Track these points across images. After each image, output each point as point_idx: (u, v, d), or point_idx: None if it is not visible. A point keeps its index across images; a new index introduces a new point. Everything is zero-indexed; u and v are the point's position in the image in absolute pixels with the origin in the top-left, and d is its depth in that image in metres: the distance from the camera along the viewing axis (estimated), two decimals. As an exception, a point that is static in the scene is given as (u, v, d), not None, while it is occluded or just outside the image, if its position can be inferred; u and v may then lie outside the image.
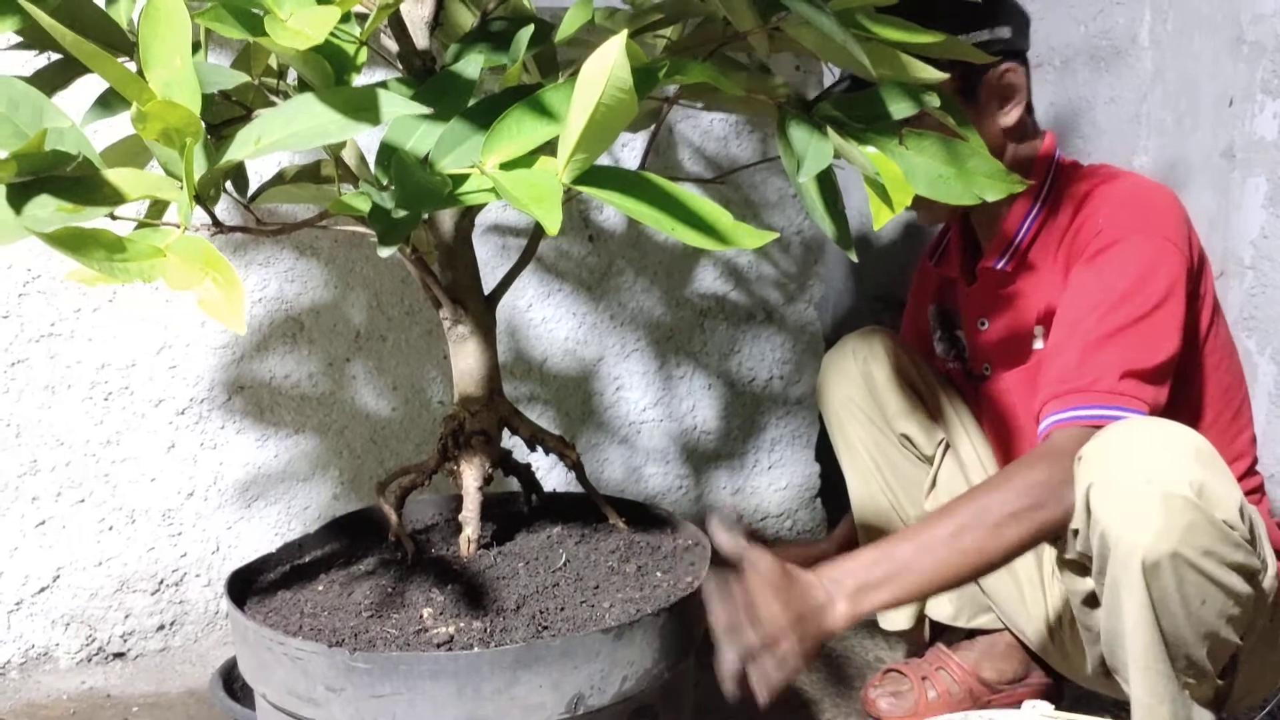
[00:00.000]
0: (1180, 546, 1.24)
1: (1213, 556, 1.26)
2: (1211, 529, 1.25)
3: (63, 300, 1.82)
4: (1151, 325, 1.40)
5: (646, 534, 1.33)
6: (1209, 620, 1.29)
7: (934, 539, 1.29)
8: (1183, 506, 1.24)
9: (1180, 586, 1.26)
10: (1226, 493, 1.28)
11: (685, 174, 2.21)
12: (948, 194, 1.08)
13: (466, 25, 1.23)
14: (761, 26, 1.09)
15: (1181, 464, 1.27)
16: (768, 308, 2.37)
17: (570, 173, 0.91)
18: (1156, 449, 1.29)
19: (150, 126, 0.82)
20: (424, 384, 2.08)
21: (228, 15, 0.88)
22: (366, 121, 0.83)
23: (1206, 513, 1.25)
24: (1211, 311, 1.53)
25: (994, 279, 1.62)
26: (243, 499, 1.98)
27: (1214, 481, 1.27)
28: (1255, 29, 1.80)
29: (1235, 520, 1.27)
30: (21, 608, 1.86)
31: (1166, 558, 1.24)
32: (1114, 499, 1.28)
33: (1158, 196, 1.50)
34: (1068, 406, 1.38)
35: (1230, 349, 1.58)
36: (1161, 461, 1.28)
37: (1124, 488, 1.28)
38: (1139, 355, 1.38)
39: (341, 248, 1.98)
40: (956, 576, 1.31)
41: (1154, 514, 1.25)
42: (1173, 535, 1.24)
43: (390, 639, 1.09)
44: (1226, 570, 1.27)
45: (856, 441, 1.73)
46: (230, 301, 0.77)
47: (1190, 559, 1.25)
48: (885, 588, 1.26)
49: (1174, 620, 1.29)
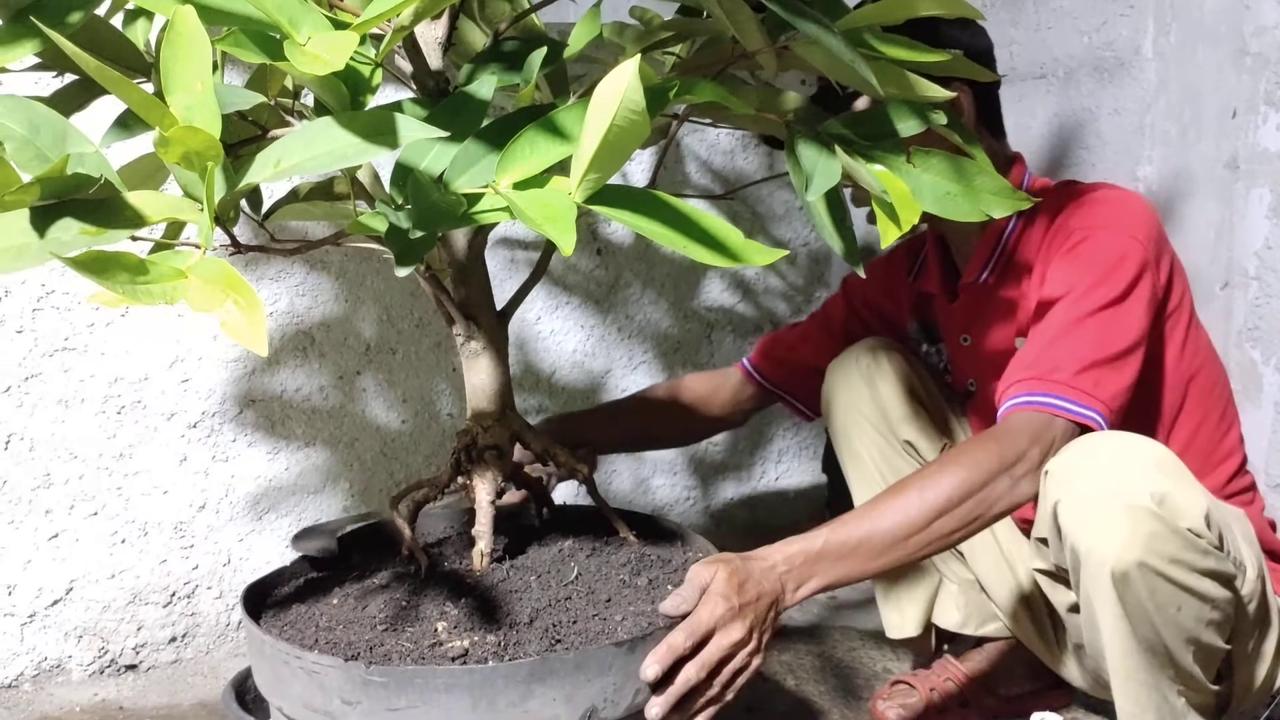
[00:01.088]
0: (1146, 556, 1.28)
1: (1180, 564, 1.29)
2: (1175, 537, 1.28)
3: (76, 315, 1.83)
4: (1116, 314, 1.42)
5: (657, 547, 1.34)
6: (1188, 626, 1.32)
7: (887, 519, 1.29)
8: (1145, 517, 1.28)
9: (1152, 595, 1.29)
10: (1190, 501, 1.31)
11: (692, 188, 2.23)
12: (955, 211, 1.09)
13: (478, 45, 1.25)
14: (770, 45, 1.11)
15: (1143, 476, 1.31)
16: (775, 320, 2.38)
17: (583, 192, 0.92)
18: (1119, 462, 1.33)
19: (172, 151, 0.83)
20: (434, 397, 2.10)
21: (247, 40, 0.89)
22: (384, 145, 0.85)
23: (1169, 522, 1.28)
24: (1189, 316, 1.55)
25: (976, 295, 1.64)
26: (254, 511, 1.99)
27: (1176, 491, 1.30)
28: (1258, 41, 1.81)
29: (1200, 528, 1.31)
30: (35, 620, 1.87)
31: (1134, 567, 1.28)
32: (1080, 514, 1.32)
33: (1129, 200, 1.54)
34: (1025, 392, 1.40)
35: (1211, 353, 1.60)
36: (1124, 474, 1.31)
37: (1089, 502, 1.31)
38: (1101, 344, 1.41)
39: (352, 262, 2.00)
40: (909, 556, 1.31)
41: (1118, 526, 1.28)
42: (1137, 545, 1.28)
43: (405, 652, 1.10)
44: (1197, 576, 1.30)
45: (861, 448, 1.74)
46: (252, 323, 0.79)
47: (1157, 568, 1.28)
48: (839, 567, 1.25)
49: (1152, 629, 1.31)
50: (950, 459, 1.34)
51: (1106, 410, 1.39)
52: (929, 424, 1.72)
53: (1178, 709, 1.38)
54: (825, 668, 1.93)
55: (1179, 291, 1.53)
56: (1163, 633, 1.32)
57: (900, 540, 1.28)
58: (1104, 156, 2.01)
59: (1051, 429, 1.37)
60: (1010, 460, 1.33)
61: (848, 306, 1.86)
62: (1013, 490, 1.33)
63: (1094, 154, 2.03)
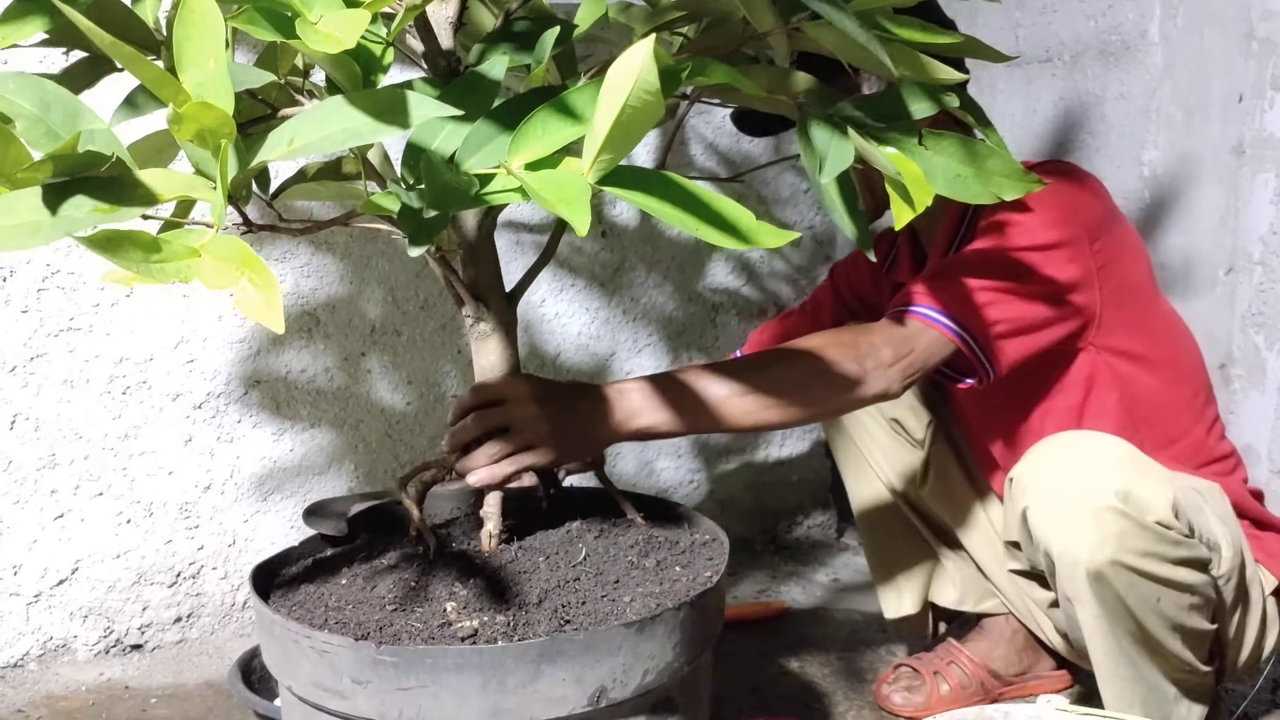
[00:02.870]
0: (1118, 554, 1.30)
1: (1153, 557, 1.31)
2: (1145, 532, 1.31)
3: (81, 295, 1.83)
4: (1022, 258, 1.41)
5: (664, 529, 1.34)
6: (1170, 614, 1.34)
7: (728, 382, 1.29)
8: (1113, 516, 1.30)
9: (1131, 590, 1.32)
10: (1155, 494, 1.33)
11: (698, 170, 2.23)
12: (966, 193, 1.09)
13: (488, 26, 1.24)
14: (781, 27, 1.10)
15: (1107, 475, 1.33)
16: (779, 302, 2.38)
17: (596, 173, 0.92)
18: (1082, 464, 1.35)
19: (185, 128, 0.83)
20: (439, 378, 2.10)
21: (259, 17, 0.89)
22: (397, 124, 0.84)
23: (1136, 518, 1.31)
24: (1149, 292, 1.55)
25: None
26: (259, 492, 2.00)
27: (1140, 486, 1.32)
28: (1266, 25, 1.80)
29: (1168, 519, 1.33)
30: (40, 600, 1.87)
31: (1108, 566, 1.30)
32: (1049, 518, 1.35)
33: (1077, 174, 1.53)
34: (902, 301, 1.41)
35: (1181, 327, 1.60)
36: (1088, 475, 1.33)
37: (1056, 506, 1.34)
38: (995, 276, 1.40)
39: (357, 243, 2.00)
40: (743, 419, 1.31)
41: (1087, 528, 1.31)
42: (1108, 545, 1.30)
43: (415, 632, 1.10)
44: (1171, 566, 1.33)
45: (848, 425, 1.75)
46: (268, 301, 0.78)
47: (1130, 564, 1.31)
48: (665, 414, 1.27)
49: (1135, 622, 1.34)
50: (810, 340, 1.36)
51: (983, 336, 1.39)
52: (915, 400, 1.74)
53: (1168, 696, 1.40)
54: (829, 650, 1.93)
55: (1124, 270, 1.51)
56: (1146, 624, 1.34)
57: (733, 397, 1.28)
58: (1109, 141, 2.01)
59: (915, 336, 1.37)
60: (862, 352, 1.33)
61: (835, 296, 1.86)
62: (855, 384, 1.33)
63: (1099, 138, 2.03)
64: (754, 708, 1.72)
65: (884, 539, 1.79)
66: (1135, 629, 1.34)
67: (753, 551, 2.40)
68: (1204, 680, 1.44)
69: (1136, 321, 1.52)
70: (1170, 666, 1.39)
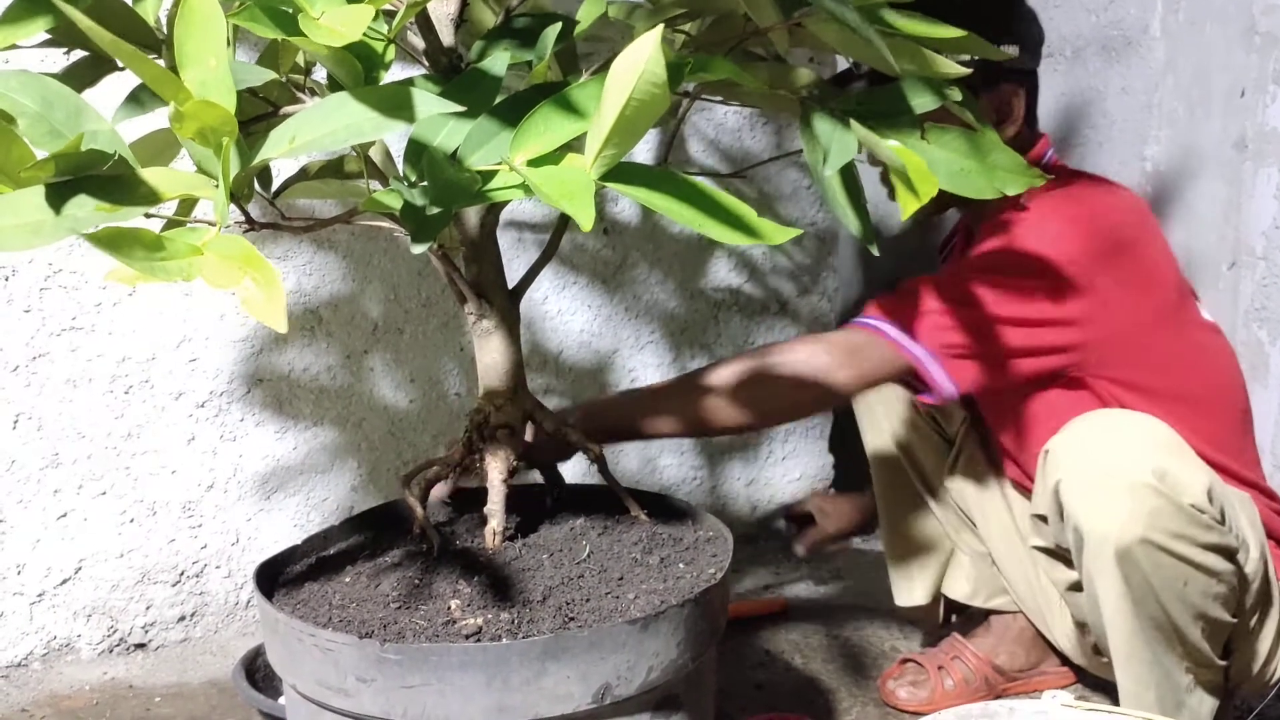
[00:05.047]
0: (1148, 532, 1.28)
1: (1184, 539, 1.29)
2: (1179, 513, 1.29)
3: (83, 294, 1.83)
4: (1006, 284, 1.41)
5: (668, 526, 1.34)
6: (1195, 601, 1.33)
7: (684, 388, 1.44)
8: (1147, 493, 1.28)
9: (1157, 570, 1.30)
10: (1191, 476, 1.31)
11: (700, 167, 2.22)
12: (969, 187, 1.09)
13: (489, 23, 1.24)
14: (783, 22, 1.10)
15: (1144, 452, 1.31)
16: (781, 300, 2.38)
17: (599, 168, 0.92)
18: (1119, 440, 1.33)
19: (187, 126, 0.83)
20: (441, 376, 2.10)
21: (261, 14, 0.89)
22: (401, 120, 0.84)
23: (1172, 498, 1.29)
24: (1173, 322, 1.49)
25: None
26: (262, 491, 2.00)
27: (1177, 467, 1.31)
28: (1268, 19, 1.80)
29: (1203, 502, 1.31)
30: (44, 599, 1.87)
31: (1136, 543, 1.28)
32: (1082, 492, 1.33)
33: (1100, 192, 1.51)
34: (866, 314, 1.46)
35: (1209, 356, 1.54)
36: (1124, 452, 1.32)
37: (1090, 481, 1.32)
38: (968, 300, 1.41)
39: (359, 241, 2.00)
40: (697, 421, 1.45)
41: (1120, 503, 1.29)
42: (1139, 521, 1.28)
43: (419, 630, 1.10)
44: (1201, 551, 1.31)
45: (876, 401, 1.77)
46: (270, 300, 0.78)
47: (1160, 543, 1.28)
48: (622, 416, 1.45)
49: (1158, 605, 1.32)
50: (774, 346, 1.45)
51: (941, 355, 1.40)
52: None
53: (1182, 685, 1.39)
54: (833, 646, 1.93)
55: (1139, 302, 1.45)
56: (1169, 609, 1.32)
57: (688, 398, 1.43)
58: (1111, 136, 2.01)
59: (870, 348, 1.42)
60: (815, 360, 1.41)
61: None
62: (805, 388, 1.40)
63: (1101, 133, 2.03)
64: (758, 704, 1.72)
65: (903, 525, 1.79)
66: (1159, 612, 1.32)
67: (756, 548, 2.40)
68: (1216, 676, 1.43)
69: (1151, 359, 1.46)
70: (1187, 655, 1.37)
